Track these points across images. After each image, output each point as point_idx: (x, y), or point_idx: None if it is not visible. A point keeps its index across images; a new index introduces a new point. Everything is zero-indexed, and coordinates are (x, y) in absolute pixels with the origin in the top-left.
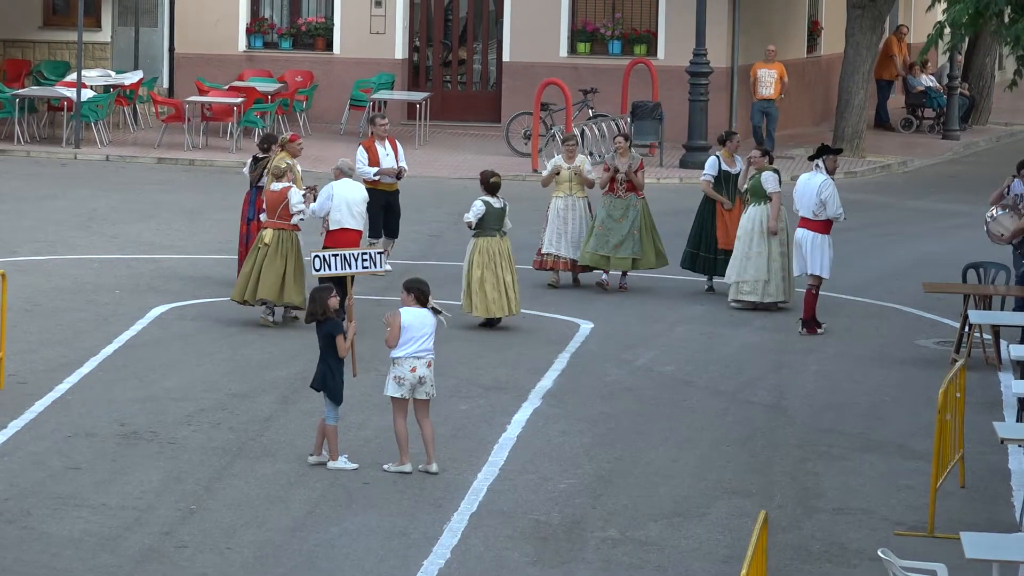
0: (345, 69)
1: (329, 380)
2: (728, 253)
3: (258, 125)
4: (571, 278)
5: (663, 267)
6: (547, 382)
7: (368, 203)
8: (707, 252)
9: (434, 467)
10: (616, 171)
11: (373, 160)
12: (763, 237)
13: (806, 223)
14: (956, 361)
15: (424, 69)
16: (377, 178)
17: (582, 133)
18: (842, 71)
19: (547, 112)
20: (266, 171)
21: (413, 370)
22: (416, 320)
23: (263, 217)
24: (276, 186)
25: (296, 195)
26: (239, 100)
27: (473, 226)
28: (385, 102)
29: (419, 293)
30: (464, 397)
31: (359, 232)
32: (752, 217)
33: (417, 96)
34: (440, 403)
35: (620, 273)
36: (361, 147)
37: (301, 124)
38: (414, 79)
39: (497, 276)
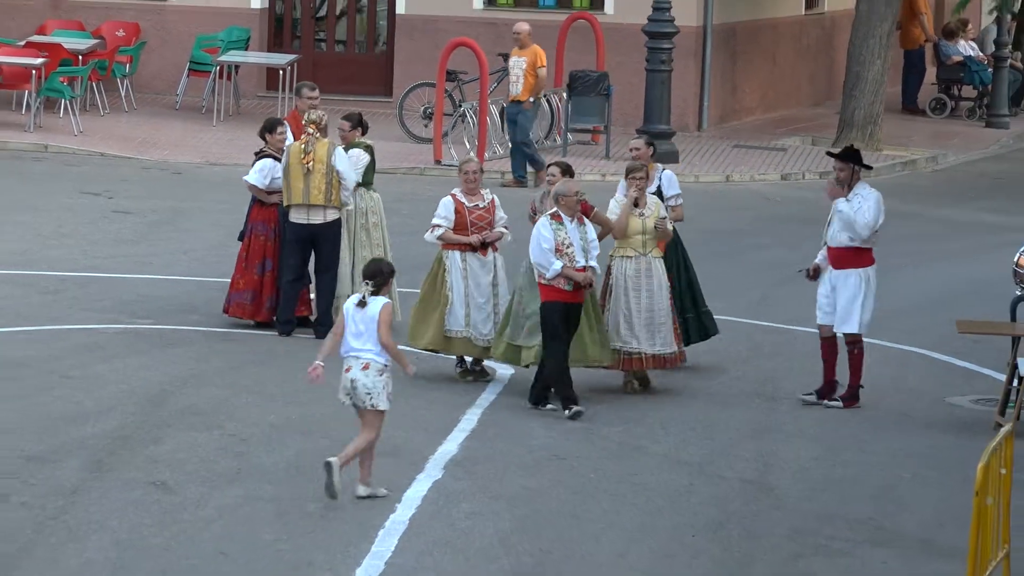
0: (182, 21)
1: None
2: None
3: (65, 95)
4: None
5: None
6: (451, 447)
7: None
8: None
9: (361, 490)
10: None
11: None
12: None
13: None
14: (1001, 426)
15: (290, 23)
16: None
17: (501, 113)
18: (852, 34)
19: (455, 84)
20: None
21: (348, 370)
22: (352, 309)
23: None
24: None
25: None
26: (39, 61)
27: None
28: (238, 66)
29: (380, 278)
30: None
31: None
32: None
33: (280, 60)
34: None
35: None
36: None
37: (123, 94)
38: (276, 36)
39: None
